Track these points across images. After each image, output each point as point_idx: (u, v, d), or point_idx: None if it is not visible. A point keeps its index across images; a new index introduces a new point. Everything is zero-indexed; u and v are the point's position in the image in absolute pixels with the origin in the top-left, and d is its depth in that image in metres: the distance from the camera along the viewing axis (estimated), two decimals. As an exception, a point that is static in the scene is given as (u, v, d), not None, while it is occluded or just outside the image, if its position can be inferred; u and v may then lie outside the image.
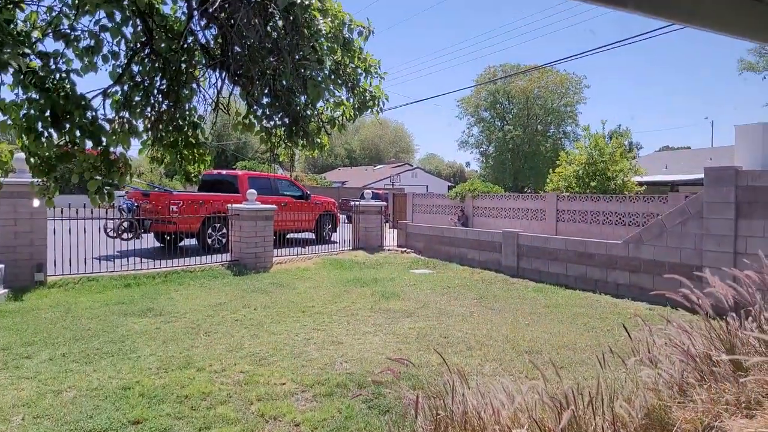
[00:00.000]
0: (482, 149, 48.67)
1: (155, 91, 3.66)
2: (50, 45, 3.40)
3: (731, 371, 2.53)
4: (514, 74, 42.18)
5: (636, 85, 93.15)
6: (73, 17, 3.25)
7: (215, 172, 15.84)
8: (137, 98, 3.57)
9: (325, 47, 3.16)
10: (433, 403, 2.82)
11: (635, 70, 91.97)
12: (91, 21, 3.25)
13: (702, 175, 8.40)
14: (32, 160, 3.18)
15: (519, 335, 6.34)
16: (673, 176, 21.64)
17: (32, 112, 2.94)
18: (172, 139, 3.65)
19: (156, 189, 16.83)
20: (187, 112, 3.71)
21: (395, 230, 16.53)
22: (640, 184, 17.31)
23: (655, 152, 35.14)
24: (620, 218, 13.66)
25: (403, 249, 14.92)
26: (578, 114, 45.62)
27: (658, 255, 8.60)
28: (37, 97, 2.93)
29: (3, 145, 3.43)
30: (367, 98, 3.68)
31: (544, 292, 9.40)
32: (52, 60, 3.17)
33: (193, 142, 3.76)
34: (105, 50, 3.42)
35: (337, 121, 3.77)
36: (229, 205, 12.17)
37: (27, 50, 2.45)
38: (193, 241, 13.25)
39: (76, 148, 3.12)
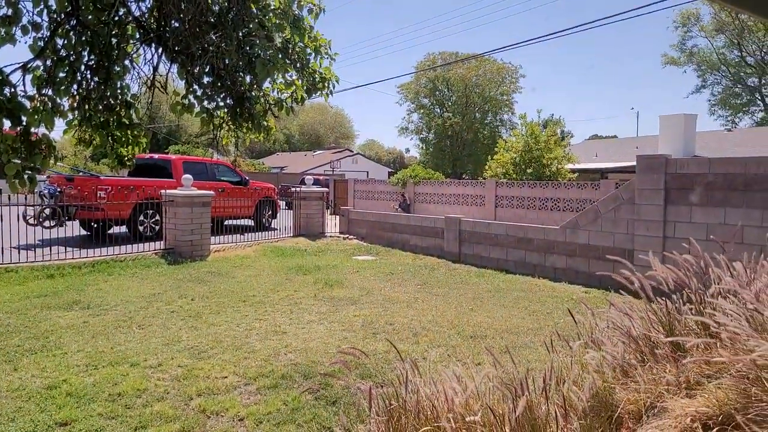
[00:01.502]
0: (422, 136, 49.12)
1: (83, 67, 3.37)
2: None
3: (671, 352, 2.64)
4: (453, 62, 42.70)
5: (568, 75, 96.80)
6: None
7: (147, 156, 15.04)
8: (62, 74, 3.27)
9: (274, 23, 2.99)
10: (385, 393, 2.77)
11: (567, 62, 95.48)
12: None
13: (630, 163, 8.82)
14: (-62, 140, 2.85)
15: (463, 320, 6.43)
16: (602, 164, 22.68)
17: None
18: (102, 120, 3.38)
19: (81, 173, 15.85)
20: (119, 91, 3.43)
21: (337, 217, 16.40)
22: (573, 171, 18.02)
23: (585, 141, 36.68)
24: (556, 204, 14.19)
25: (346, 236, 14.83)
26: (515, 103, 46.94)
27: (593, 240, 8.96)
28: (-57, 70, 2.62)
29: None
30: (317, 80, 3.54)
31: (485, 276, 9.60)
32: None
33: (126, 122, 3.49)
34: (25, 20, 3.10)
35: (284, 104, 3.60)
36: (163, 190, 11.61)
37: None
38: (124, 229, 12.58)
39: (-9, 127, 2.82)
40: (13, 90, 2.82)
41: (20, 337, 5.51)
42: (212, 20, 2.88)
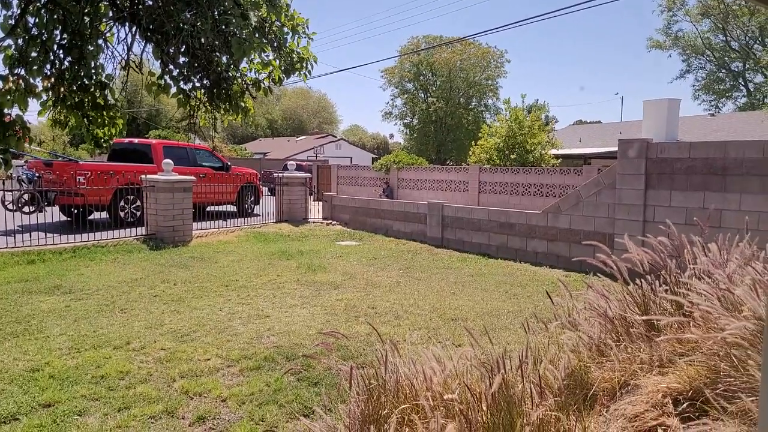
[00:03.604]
0: (406, 121, 48.99)
1: (55, 46, 3.30)
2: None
3: (645, 332, 2.70)
4: (437, 45, 42.50)
5: (553, 60, 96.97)
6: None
7: (126, 140, 14.82)
8: (34, 53, 3.20)
9: (249, 2, 2.94)
10: (365, 373, 2.80)
11: (552, 46, 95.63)
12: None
13: (613, 148, 8.90)
14: None
15: (445, 304, 6.49)
16: (586, 149, 22.86)
17: None
18: (76, 100, 3.32)
19: (60, 158, 15.57)
20: (94, 71, 3.37)
21: (320, 203, 16.36)
22: (557, 156, 18.15)
23: (569, 126, 36.89)
24: (539, 189, 14.30)
25: (329, 221, 14.81)
26: (499, 88, 46.90)
27: (574, 224, 9.07)
28: None
29: None
30: (295, 60, 3.50)
31: (467, 261, 9.68)
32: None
33: (102, 103, 3.43)
34: (-7, -3, 3.02)
35: (262, 84, 3.56)
36: (144, 176, 11.46)
37: None
38: (104, 215, 12.42)
39: (-38, 107, 2.76)
40: (-16, 69, 2.75)
41: (1, 321, 5.46)
42: (187, -2, 2.84)
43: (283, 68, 3.49)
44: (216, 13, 2.89)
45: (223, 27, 2.92)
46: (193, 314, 5.90)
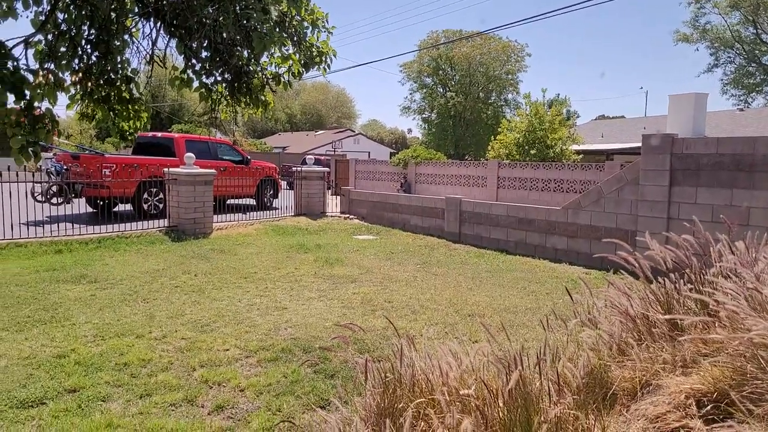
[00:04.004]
0: (425, 115, 48.81)
1: (83, 42, 3.37)
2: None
3: (668, 331, 2.68)
4: (456, 39, 42.21)
5: (575, 54, 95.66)
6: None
7: (150, 134, 15.05)
8: (63, 48, 3.28)
9: (271, -3, 2.97)
10: (381, 367, 2.83)
11: (575, 40, 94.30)
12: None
13: (636, 144, 8.77)
14: (-56, 113, 2.87)
15: (462, 299, 6.49)
16: (608, 145, 22.55)
17: (-60, 58, 2.63)
18: (103, 94, 3.39)
19: (86, 151, 15.86)
20: (119, 65, 3.44)
21: (338, 197, 16.42)
22: (578, 152, 17.94)
23: (592, 121, 36.37)
24: (559, 185, 14.17)
25: (346, 215, 14.87)
26: (519, 82, 46.45)
27: (595, 220, 8.98)
28: (-54, 42, 2.62)
29: None
30: (314, 54, 3.53)
31: (485, 257, 9.65)
32: (-39, 1, 2.84)
33: (127, 97, 3.50)
34: (25, -6, 3.10)
35: (282, 78, 3.60)
36: (166, 169, 11.64)
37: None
38: (129, 207, 12.65)
39: (-6, 101, 2.84)
40: (15, 64, 2.83)
41: (30, 308, 5.60)
42: (210, -6, 2.88)
43: (302, 62, 3.52)
44: (238, 8, 2.93)
45: (245, 21, 2.95)
46: (213, 305, 5.99)
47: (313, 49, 3.53)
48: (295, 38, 3.40)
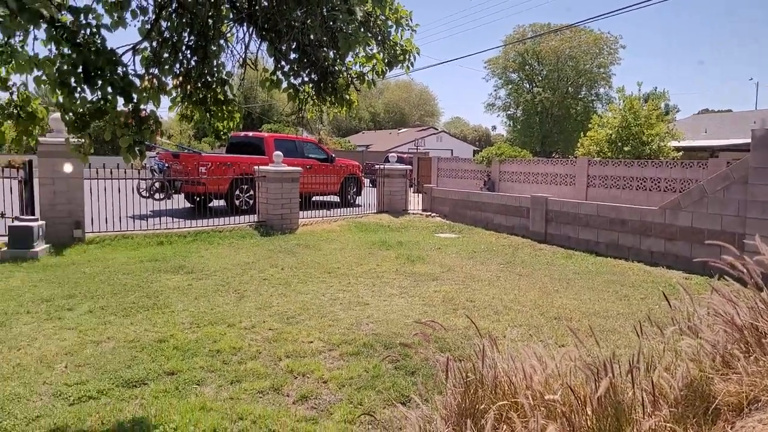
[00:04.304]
0: (510, 112, 47.68)
1: (183, 47, 3.60)
2: (80, 0, 3.34)
3: (779, 343, 2.43)
4: (544, 33, 40.80)
5: (674, 45, 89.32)
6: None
7: (242, 134, 15.85)
8: (166, 54, 3.51)
9: (356, -3, 3.02)
10: (462, 366, 2.80)
11: (674, 29, 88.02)
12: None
13: (745, 140, 8.05)
14: (67, 116, 3.18)
15: (547, 301, 6.27)
16: (712, 141, 20.88)
17: (65, 67, 2.91)
18: (200, 96, 3.61)
19: (185, 150, 16.96)
20: (215, 69, 3.64)
21: (420, 194, 16.43)
22: (677, 149, 16.77)
23: (693, 115, 33.84)
24: (656, 184, 13.31)
25: (428, 213, 14.84)
26: (612, 76, 44.15)
27: (697, 222, 8.34)
28: (69, 52, 2.89)
29: (36, 101, 3.43)
30: (398, 52, 3.54)
31: (573, 258, 9.27)
32: (82, 15, 3.12)
33: (222, 98, 3.70)
34: (134, 5, 3.36)
35: (366, 77, 3.65)
36: (256, 166, 12.20)
37: (58, -1, 2.40)
38: (222, 202, 13.40)
39: (108, 104, 3.10)
40: (125, 69, 3.07)
41: (135, 295, 6.09)
42: (298, -3, 2.97)
43: (386, 61, 3.54)
44: (324, 10, 3.00)
45: (331, 23, 3.02)
46: (298, 298, 6.20)
47: (397, 48, 3.55)
48: (379, 37, 3.44)
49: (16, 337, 4.67)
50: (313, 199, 14.18)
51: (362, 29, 3.35)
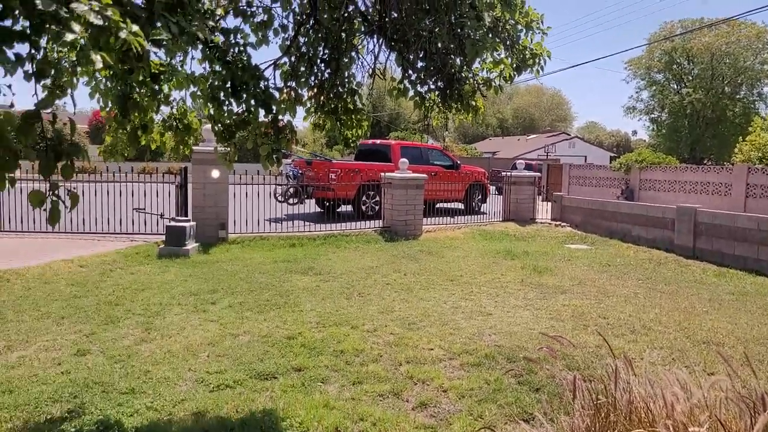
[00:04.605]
0: (653, 116, 43.97)
1: (318, 61, 3.82)
2: (230, 21, 3.71)
3: None
4: (696, 29, 37.06)
5: None
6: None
7: (370, 141, 16.39)
8: (302, 68, 3.75)
9: (484, 3, 2.98)
10: (592, 387, 2.61)
11: None
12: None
13: None
14: (216, 127, 3.52)
15: (695, 323, 5.66)
16: None
17: (215, 83, 3.23)
18: (332, 106, 3.80)
19: (317, 158, 17.94)
20: (346, 79, 3.82)
21: (548, 203, 15.74)
22: None
23: None
24: (832, 195, 11.47)
25: (558, 222, 14.16)
26: (778, 73, 38.86)
27: None
28: (220, 69, 3.21)
29: (192, 114, 3.85)
30: (527, 56, 3.43)
31: (727, 277, 8.27)
32: (232, 35, 3.44)
33: (351, 108, 3.87)
34: (276, 24, 3.63)
35: (493, 83, 3.59)
36: (383, 173, 12.53)
37: (210, 22, 2.69)
38: (349, 208, 13.94)
39: (250, 116, 3.39)
40: (266, 83, 3.33)
41: (269, 293, 6.54)
42: (426, 7, 3.00)
43: (514, 66, 3.46)
44: (452, 17, 3.00)
45: (458, 30, 3.01)
46: (420, 304, 6.24)
47: (526, 52, 3.44)
48: (508, 42, 3.36)
49: (168, 326, 5.23)
50: (438, 206, 14.22)
51: (490, 35, 3.30)
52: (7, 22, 1.38)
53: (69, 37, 1.27)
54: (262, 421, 3.42)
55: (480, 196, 16.43)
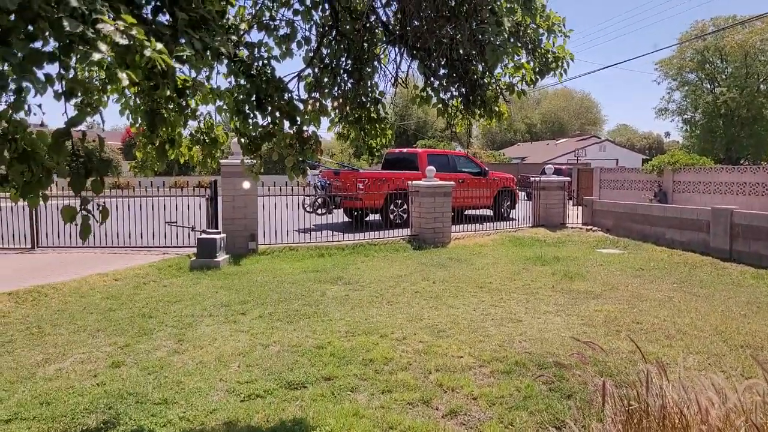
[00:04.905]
0: (686, 116, 42.92)
1: (341, 72, 3.88)
2: (254, 36, 3.80)
3: None
4: (729, 26, 36.13)
5: None
6: (273, 7, 3.58)
7: (397, 150, 16.43)
8: (326, 79, 3.82)
9: (505, 8, 2.99)
10: (624, 393, 2.56)
11: None
12: (287, 10, 3.55)
13: None
14: (242, 140, 3.60)
15: (732, 327, 5.48)
16: None
17: (240, 96, 3.31)
18: (356, 116, 3.84)
19: (345, 168, 18.09)
20: (369, 89, 3.86)
21: (579, 207, 15.49)
22: None
23: None
24: None
25: (588, 227, 13.91)
26: (818, 68, 37.53)
27: None
28: (245, 83, 3.28)
29: (219, 128, 3.94)
30: (550, 60, 3.41)
31: (766, 279, 7.98)
32: (256, 49, 3.53)
33: (375, 117, 3.91)
34: (299, 36, 3.71)
35: (515, 87, 3.58)
36: (410, 182, 12.54)
37: (234, 37, 2.76)
38: (377, 217, 13.98)
39: (275, 127, 3.45)
40: (290, 95, 3.39)
41: (298, 303, 6.60)
42: (447, 14, 3.02)
43: (536, 70, 3.44)
44: (473, 23, 3.02)
45: (479, 36, 3.03)
46: (449, 312, 6.21)
47: (549, 56, 3.43)
48: (530, 46, 3.36)
49: (200, 337, 5.33)
50: (466, 212, 14.14)
51: (511, 39, 3.30)
52: (37, 44, 1.46)
53: (96, 56, 1.33)
54: (292, 430, 3.45)
55: (509, 202, 16.29)
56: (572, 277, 8.11)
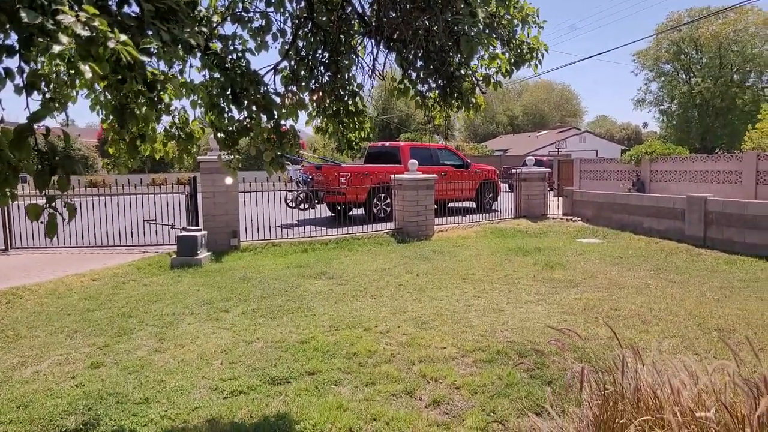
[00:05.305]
0: (663, 107, 43.58)
1: (318, 64, 3.85)
2: (228, 28, 3.77)
3: None
4: (703, 17, 36.69)
5: None
6: None
7: (379, 144, 16.41)
8: (303, 72, 3.79)
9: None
10: (600, 378, 2.61)
11: None
12: (260, 2, 3.51)
13: None
14: (218, 135, 3.57)
15: (706, 311, 5.61)
16: None
17: (215, 90, 3.27)
18: (334, 109, 3.83)
19: (327, 162, 18.02)
20: (347, 82, 3.85)
21: (560, 198, 15.66)
22: None
23: None
24: None
25: (569, 217, 14.08)
26: (789, 58, 38.32)
27: None
28: (219, 77, 3.25)
29: (195, 123, 3.90)
30: (524, 51, 3.44)
31: (738, 264, 8.18)
32: (230, 42, 3.49)
33: (353, 110, 3.90)
34: (274, 28, 3.67)
35: (492, 79, 3.60)
36: (393, 175, 12.55)
37: (205, 29, 2.73)
38: (361, 211, 13.97)
39: (252, 122, 3.42)
40: (266, 89, 3.37)
41: (282, 299, 6.58)
42: (422, 5, 3.03)
43: (512, 60, 3.46)
44: (448, 15, 3.02)
45: (454, 27, 3.03)
46: (433, 304, 6.25)
47: (524, 47, 3.45)
48: (505, 37, 3.37)
49: (182, 335, 5.29)
50: (449, 205, 14.20)
51: (486, 30, 3.31)
52: (-3, 38, 1.43)
53: (56, 48, 1.30)
54: (276, 425, 3.45)
55: (491, 194, 16.39)
56: (553, 266, 8.21)
